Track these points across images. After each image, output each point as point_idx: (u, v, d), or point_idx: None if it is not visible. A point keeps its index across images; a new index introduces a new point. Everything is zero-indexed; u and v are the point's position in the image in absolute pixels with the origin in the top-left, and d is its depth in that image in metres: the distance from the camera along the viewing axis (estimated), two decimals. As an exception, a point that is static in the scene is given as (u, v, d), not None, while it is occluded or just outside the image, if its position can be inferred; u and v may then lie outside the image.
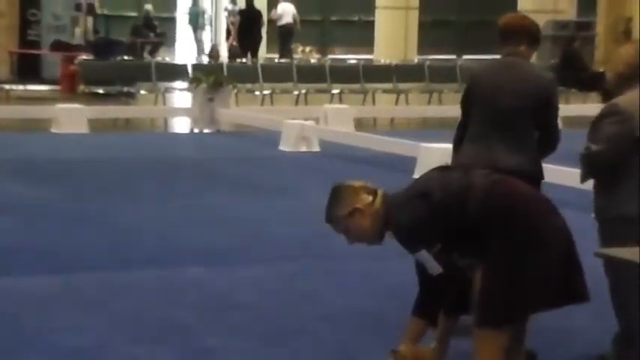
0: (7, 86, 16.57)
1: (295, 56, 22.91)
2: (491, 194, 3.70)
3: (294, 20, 23.30)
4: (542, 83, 4.67)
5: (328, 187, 3.96)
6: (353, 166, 10.80)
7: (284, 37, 23.39)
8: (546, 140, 4.70)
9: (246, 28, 22.03)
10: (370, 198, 3.76)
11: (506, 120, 4.62)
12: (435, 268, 3.67)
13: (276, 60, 21.48)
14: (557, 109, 4.73)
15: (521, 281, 3.63)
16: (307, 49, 24.50)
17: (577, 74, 17.21)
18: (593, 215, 4.47)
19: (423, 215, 3.65)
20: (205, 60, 22.74)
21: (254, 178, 10.42)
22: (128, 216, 8.27)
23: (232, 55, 22.21)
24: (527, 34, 4.74)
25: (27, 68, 19.61)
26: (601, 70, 20.23)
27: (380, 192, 3.78)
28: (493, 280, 3.65)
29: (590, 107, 16.84)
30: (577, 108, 15.34)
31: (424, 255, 3.67)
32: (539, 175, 4.65)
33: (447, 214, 3.67)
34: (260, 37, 22.46)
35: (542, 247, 3.65)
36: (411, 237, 3.68)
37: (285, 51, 23.03)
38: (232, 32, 23.29)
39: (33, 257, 6.77)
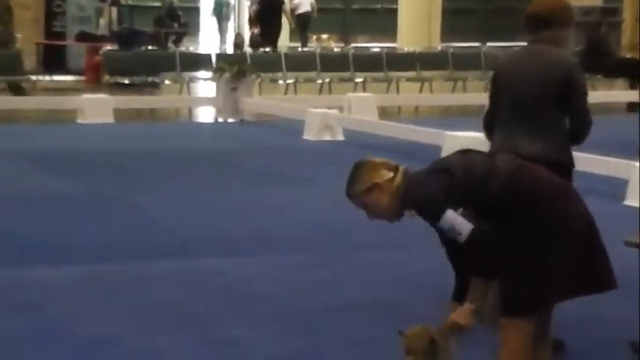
0: (33, 77, 16.65)
1: (311, 44, 22.89)
2: (515, 179, 3.66)
3: (312, 8, 23.32)
4: (564, 68, 4.60)
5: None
6: (377, 154, 10.65)
7: (301, 26, 23.42)
8: (576, 126, 4.63)
9: (267, 15, 22.01)
10: (391, 174, 3.70)
11: (528, 108, 4.58)
12: (464, 226, 3.56)
13: (299, 49, 21.48)
14: (584, 93, 4.64)
15: (545, 270, 3.60)
16: (323, 36, 24.47)
17: (603, 60, 17.07)
18: None
19: (444, 188, 3.59)
20: (230, 49, 22.76)
21: (277, 168, 10.42)
22: (151, 206, 8.30)
23: (253, 44, 22.22)
24: (557, 18, 4.67)
25: (52, 59, 19.72)
26: (628, 56, 20.08)
27: (401, 168, 3.73)
28: (516, 269, 3.63)
29: (616, 94, 16.79)
30: (603, 95, 15.22)
31: (450, 217, 3.57)
32: (567, 162, 4.59)
33: (468, 194, 3.63)
34: (280, 26, 22.43)
35: (566, 235, 3.61)
36: (431, 206, 3.61)
37: (303, 39, 23.06)
38: (253, 21, 23.31)
39: (56, 247, 6.81)
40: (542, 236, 3.60)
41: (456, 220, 3.56)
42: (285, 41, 23.37)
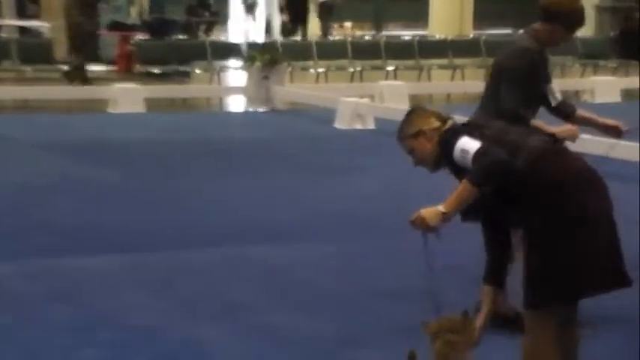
0: (65, 67, 16.72)
1: (335, 33, 22.87)
2: (541, 160, 3.57)
3: None
4: (505, 53, 4.80)
5: (384, 164, 3.94)
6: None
7: (325, 15, 23.38)
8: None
9: (292, 3, 22.02)
10: (438, 124, 3.77)
11: (486, 92, 4.98)
12: (473, 145, 3.54)
13: (329, 38, 21.44)
14: (507, 79, 4.71)
15: (566, 262, 3.51)
16: (346, 24, 24.37)
17: (637, 46, 16.89)
18: None
19: (473, 136, 3.61)
20: (260, 38, 22.76)
21: (309, 157, 10.40)
22: (188, 195, 8.31)
23: (284, 32, 22.23)
24: (559, 16, 4.66)
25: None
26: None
27: (450, 122, 3.79)
28: (536, 261, 3.56)
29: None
30: (637, 80, 15.04)
31: (462, 140, 3.56)
32: None
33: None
34: (306, 11, 22.39)
35: (588, 226, 3.52)
36: (450, 146, 3.62)
37: (326, 29, 23.03)
38: (283, 8, 23.32)
39: (97, 237, 6.84)
40: (564, 225, 3.53)
41: (467, 142, 3.59)
42: (316, 30, 23.32)
